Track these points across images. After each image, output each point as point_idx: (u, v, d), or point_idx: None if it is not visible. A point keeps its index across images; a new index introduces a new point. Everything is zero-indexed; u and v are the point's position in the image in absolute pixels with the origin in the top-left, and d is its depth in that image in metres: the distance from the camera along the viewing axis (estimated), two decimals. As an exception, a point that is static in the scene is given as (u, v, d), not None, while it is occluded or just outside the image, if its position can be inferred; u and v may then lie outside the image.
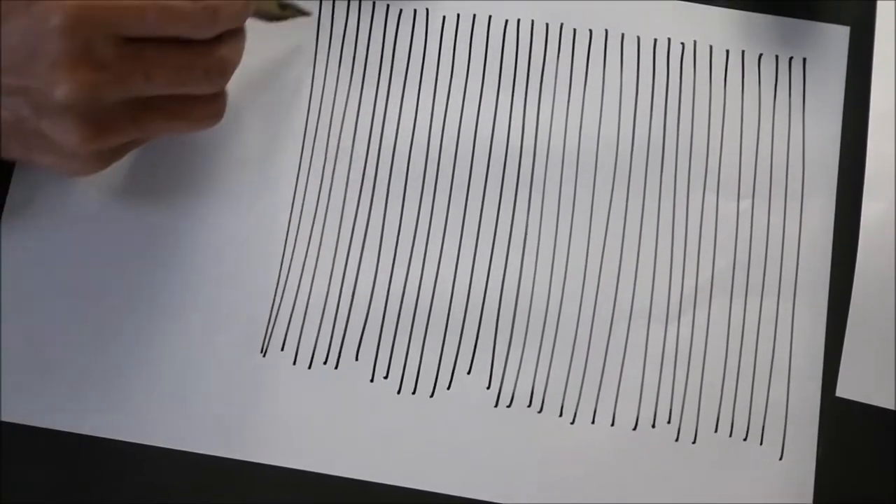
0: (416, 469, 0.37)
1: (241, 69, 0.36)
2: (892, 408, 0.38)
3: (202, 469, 0.37)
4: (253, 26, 0.36)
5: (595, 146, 0.40)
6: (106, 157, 0.34)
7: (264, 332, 0.38)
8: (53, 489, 0.37)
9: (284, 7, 0.40)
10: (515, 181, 0.40)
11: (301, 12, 0.41)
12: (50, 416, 0.37)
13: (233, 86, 0.36)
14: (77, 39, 0.30)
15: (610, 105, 0.41)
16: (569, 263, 0.39)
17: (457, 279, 0.39)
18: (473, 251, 0.39)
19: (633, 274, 0.39)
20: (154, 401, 0.37)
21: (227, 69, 0.35)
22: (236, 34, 0.35)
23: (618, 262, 0.39)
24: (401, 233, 0.40)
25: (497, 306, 0.39)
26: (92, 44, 0.31)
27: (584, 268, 0.39)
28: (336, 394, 0.38)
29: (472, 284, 0.39)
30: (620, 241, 0.40)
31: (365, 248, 0.39)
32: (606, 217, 0.40)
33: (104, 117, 0.32)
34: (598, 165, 0.40)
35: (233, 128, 0.40)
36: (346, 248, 0.39)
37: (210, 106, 0.36)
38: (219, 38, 0.34)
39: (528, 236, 0.40)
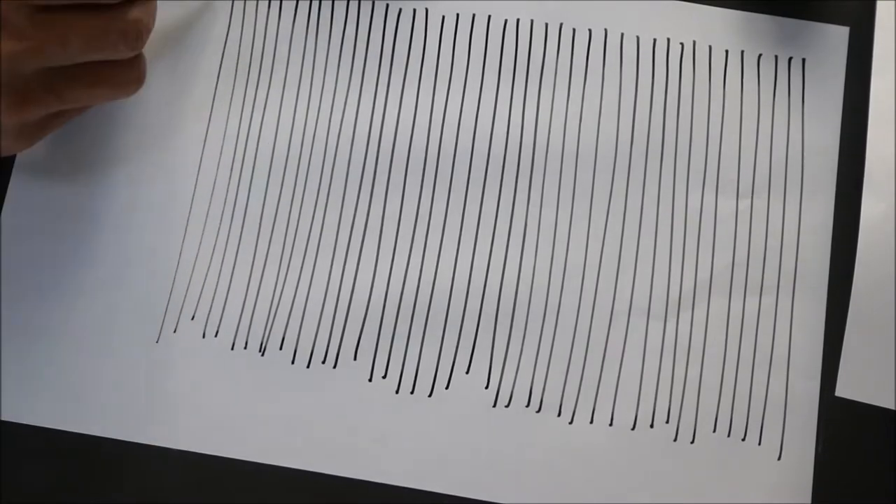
0: (414, 469, 0.37)
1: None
2: (892, 407, 0.37)
3: (201, 469, 0.37)
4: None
5: (594, 145, 0.40)
6: (30, 133, 0.35)
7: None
8: (53, 489, 0.37)
9: None
10: (514, 180, 0.40)
11: None
12: (50, 416, 0.37)
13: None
14: None
15: (609, 104, 0.41)
16: (567, 261, 0.39)
17: (455, 276, 0.39)
18: (472, 248, 0.39)
19: (632, 272, 0.39)
20: (153, 400, 0.38)
21: (141, 31, 0.35)
22: None
23: (616, 261, 0.39)
24: (399, 230, 0.40)
25: (496, 304, 0.39)
26: (5, 15, 0.31)
27: (582, 266, 0.39)
28: (334, 393, 0.38)
29: (471, 282, 0.39)
30: (619, 239, 0.40)
31: (364, 245, 0.39)
32: (605, 215, 0.40)
33: (24, 88, 0.33)
34: (597, 164, 0.40)
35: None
36: (346, 245, 0.39)
37: (130, 70, 0.36)
38: (130, 1, 0.34)
39: (526, 234, 0.40)
